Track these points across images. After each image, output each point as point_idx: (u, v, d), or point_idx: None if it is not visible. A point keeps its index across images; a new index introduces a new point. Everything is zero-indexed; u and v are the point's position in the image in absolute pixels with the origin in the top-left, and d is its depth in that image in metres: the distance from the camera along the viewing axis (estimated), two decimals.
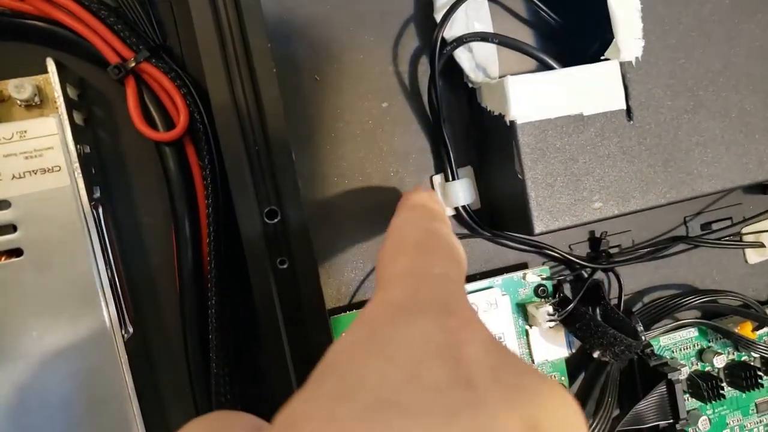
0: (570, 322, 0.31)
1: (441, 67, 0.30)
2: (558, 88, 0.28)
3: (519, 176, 0.28)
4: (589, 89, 0.29)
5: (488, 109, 0.30)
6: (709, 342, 0.36)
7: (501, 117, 0.29)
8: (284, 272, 0.26)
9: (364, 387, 0.14)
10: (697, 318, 0.36)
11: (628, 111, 0.29)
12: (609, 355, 0.30)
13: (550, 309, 0.31)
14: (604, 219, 0.29)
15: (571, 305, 0.31)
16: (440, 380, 0.13)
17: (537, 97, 0.28)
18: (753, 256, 0.37)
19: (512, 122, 0.28)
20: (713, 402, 0.34)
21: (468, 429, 0.12)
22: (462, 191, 0.31)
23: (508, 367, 0.14)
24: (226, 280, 0.29)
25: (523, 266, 0.33)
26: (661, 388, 0.32)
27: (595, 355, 0.30)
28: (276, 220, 0.26)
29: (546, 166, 0.28)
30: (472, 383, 0.13)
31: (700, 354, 0.36)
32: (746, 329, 0.35)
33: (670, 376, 0.32)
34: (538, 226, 0.28)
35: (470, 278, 0.33)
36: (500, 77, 0.29)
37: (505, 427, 0.13)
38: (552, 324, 0.31)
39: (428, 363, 0.14)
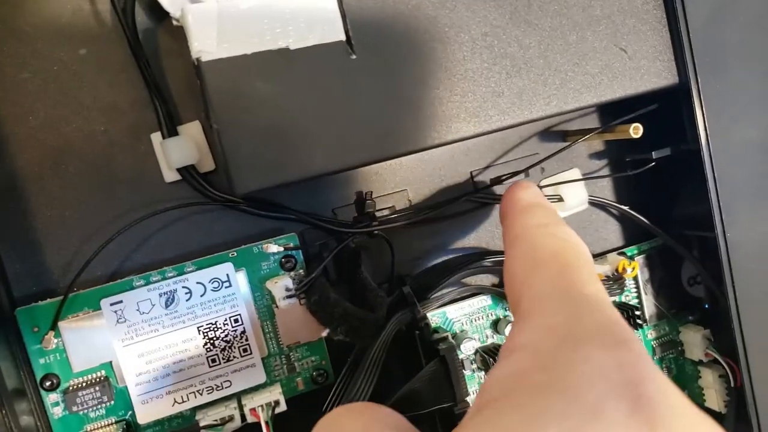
0: (312, 295, 0.27)
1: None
2: (255, 18, 0.23)
3: (214, 126, 0.23)
4: (297, 18, 0.24)
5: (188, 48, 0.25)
6: (506, 311, 0.32)
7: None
8: None
9: (548, 424, 0.13)
10: (492, 285, 0.32)
11: (349, 43, 0.24)
12: (342, 332, 0.25)
13: (290, 282, 0.27)
14: (327, 173, 0.24)
15: (311, 277, 0.27)
16: (623, 419, 0.14)
17: (228, 29, 0.23)
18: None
19: (198, 60, 0.23)
20: None
21: None
22: (180, 150, 0.26)
23: (682, 408, 0.15)
24: None
25: (272, 236, 0.29)
26: (433, 368, 0.28)
27: (324, 333, 0.26)
28: None
29: (246, 112, 0.23)
30: (653, 422, 0.14)
31: (496, 324, 0.32)
32: None
33: (443, 353, 0.28)
34: (240, 186, 0.24)
35: (201, 253, 0.28)
36: None
37: None
38: (291, 300, 0.27)
39: (610, 402, 0.14)
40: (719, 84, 0.28)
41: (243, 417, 0.27)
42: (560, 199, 0.32)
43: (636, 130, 0.28)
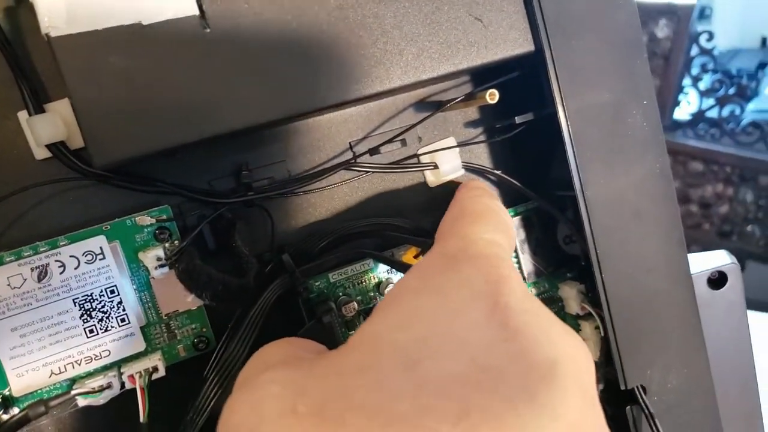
0: (182, 264, 0.28)
1: None
2: None
3: (71, 102, 0.24)
4: None
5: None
6: (390, 273, 0.34)
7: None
8: None
9: (420, 319, 0.18)
10: (372, 250, 0.34)
11: (203, 17, 0.25)
12: (207, 297, 0.26)
13: (161, 252, 0.28)
14: (184, 144, 0.25)
15: (181, 246, 0.28)
16: (480, 318, 0.17)
17: (78, 5, 0.24)
18: (432, 178, 0.35)
19: (47, 36, 0.23)
20: None
21: (501, 357, 0.16)
22: (46, 126, 0.27)
23: (536, 317, 0.18)
24: None
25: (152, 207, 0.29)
26: (312, 331, 0.30)
27: (189, 299, 0.27)
28: None
29: (100, 87, 0.24)
30: (505, 325, 0.17)
31: (378, 287, 0.33)
32: (409, 256, 0.32)
33: (322, 317, 0.30)
34: (98, 158, 0.24)
35: (74, 228, 0.28)
36: None
37: (535, 358, 0.16)
38: (165, 270, 0.28)
39: (472, 304, 0.18)
40: (571, 51, 0.30)
41: (123, 385, 0.27)
42: (435, 167, 0.34)
43: (492, 96, 0.30)
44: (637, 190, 0.31)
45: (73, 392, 0.27)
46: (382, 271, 0.33)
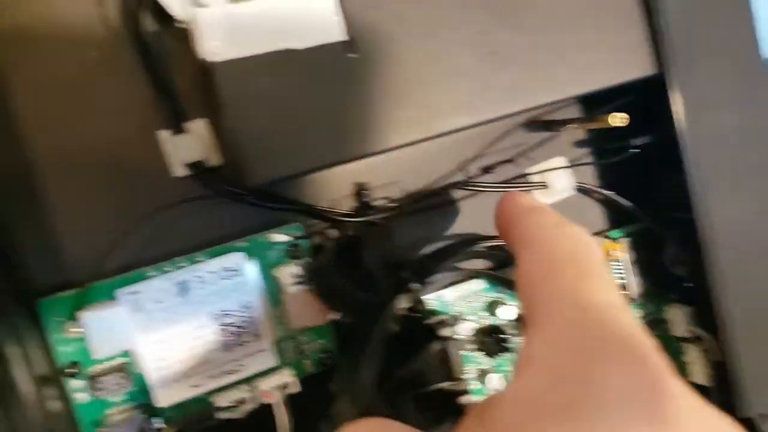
0: (318, 281, 0.29)
1: (146, 3, 0.27)
2: (264, 20, 0.25)
3: (224, 123, 0.25)
4: (302, 20, 0.25)
5: (196, 50, 0.26)
6: (500, 293, 0.34)
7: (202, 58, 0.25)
8: None
9: None
10: (486, 269, 0.34)
11: (350, 43, 0.26)
12: (346, 315, 0.27)
13: (298, 270, 0.28)
14: (334, 164, 0.26)
15: (317, 264, 0.28)
16: None
17: (237, 32, 0.25)
18: (541, 198, 0.35)
19: (209, 62, 0.24)
20: (500, 357, 0.32)
21: None
22: (189, 146, 0.28)
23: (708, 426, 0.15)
24: None
25: (275, 226, 0.30)
26: (434, 348, 0.30)
27: (329, 316, 0.27)
28: None
29: (256, 110, 0.25)
30: None
31: (491, 306, 0.34)
32: None
33: (441, 333, 0.30)
34: (253, 177, 0.25)
35: (211, 244, 0.29)
36: None
37: None
38: (299, 286, 0.28)
39: (631, 427, 0.14)
40: (694, 74, 0.30)
41: (257, 399, 0.28)
42: (546, 186, 0.34)
43: (622, 120, 0.30)
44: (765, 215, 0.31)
45: (216, 405, 0.27)
46: (494, 291, 0.34)
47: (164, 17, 0.28)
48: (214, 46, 0.24)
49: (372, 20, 0.26)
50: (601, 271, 0.18)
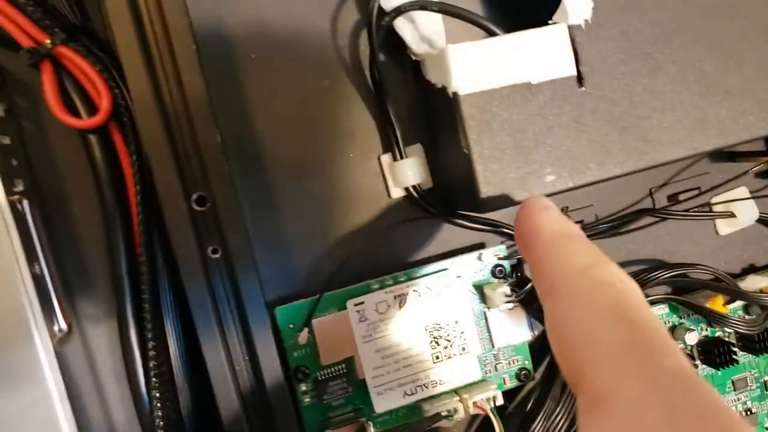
0: (529, 302, 0.30)
1: (381, 39, 0.29)
2: (503, 56, 0.27)
3: (465, 151, 0.27)
4: (537, 56, 0.27)
5: (432, 82, 0.28)
6: (681, 318, 0.35)
7: (444, 89, 0.27)
8: (217, 262, 0.25)
9: None
10: (666, 294, 0.35)
11: (579, 77, 0.27)
12: None
13: (508, 290, 0.30)
14: (558, 192, 0.28)
15: (530, 284, 0.30)
16: None
17: (480, 67, 0.26)
18: (724, 227, 0.35)
19: (455, 94, 0.26)
20: None
21: None
22: (411, 171, 0.30)
23: None
24: (161, 273, 0.27)
25: (480, 246, 0.32)
26: None
27: (529, 336, 0.29)
28: (206, 207, 0.24)
29: (493, 139, 0.27)
30: None
31: (672, 331, 0.34)
32: (718, 303, 0.33)
33: None
34: (484, 206, 0.27)
35: (424, 261, 0.31)
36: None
37: None
38: (510, 306, 0.30)
39: None
40: None
41: (466, 409, 0.30)
42: (732, 215, 0.35)
43: None
44: None
45: (429, 413, 0.29)
46: (675, 316, 0.34)
47: (392, 50, 0.30)
48: (463, 79, 0.26)
49: (599, 57, 0.28)
50: (652, 320, 0.15)
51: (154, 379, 0.27)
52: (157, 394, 0.26)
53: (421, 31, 0.29)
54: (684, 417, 0.13)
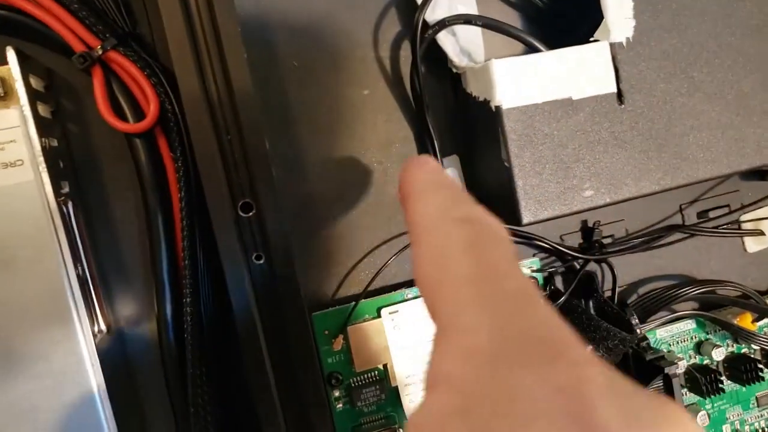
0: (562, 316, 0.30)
1: (423, 51, 0.29)
2: (545, 72, 0.27)
3: (506, 164, 0.27)
4: (578, 72, 0.27)
5: (473, 95, 0.29)
6: (708, 334, 0.35)
7: (486, 102, 0.27)
8: (260, 268, 0.25)
9: None
10: (694, 309, 0.35)
11: (619, 94, 0.28)
12: (602, 349, 0.28)
13: None
14: (595, 207, 0.28)
15: (563, 298, 0.30)
16: None
17: (523, 81, 0.27)
18: (752, 244, 0.36)
19: (498, 107, 0.27)
20: (712, 396, 0.33)
21: None
22: None
23: (638, 412, 0.13)
24: (203, 277, 0.28)
25: None
26: (658, 383, 0.31)
27: (588, 350, 0.29)
28: (251, 213, 0.25)
29: (534, 153, 0.27)
30: None
31: (698, 346, 0.35)
32: (746, 320, 0.33)
33: (666, 370, 0.31)
34: (526, 216, 0.27)
35: None
36: (485, 61, 0.28)
37: None
38: None
39: None
40: None
41: None
42: (761, 233, 0.35)
43: None
44: None
45: None
46: (702, 332, 0.35)
47: (432, 62, 0.31)
48: (506, 94, 0.27)
49: (639, 75, 0.28)
50: (500, 254, 0.16)
51: (191, 386, 0.27)
52: (200, 401, 0.26)
53: (462, 44, 0.29)
54: (512, 338, 0.13)
